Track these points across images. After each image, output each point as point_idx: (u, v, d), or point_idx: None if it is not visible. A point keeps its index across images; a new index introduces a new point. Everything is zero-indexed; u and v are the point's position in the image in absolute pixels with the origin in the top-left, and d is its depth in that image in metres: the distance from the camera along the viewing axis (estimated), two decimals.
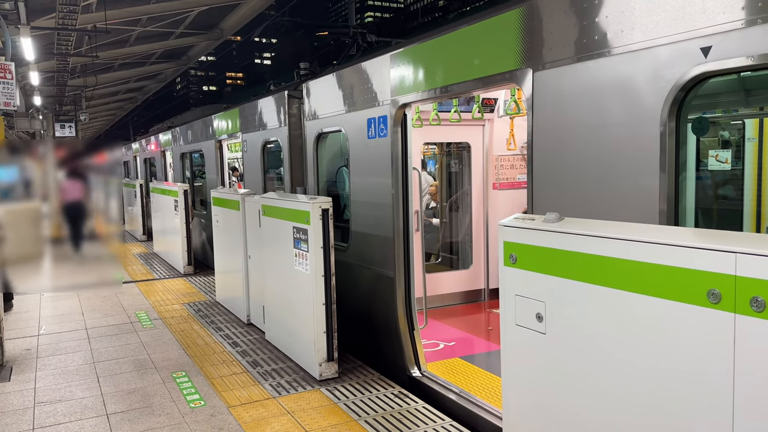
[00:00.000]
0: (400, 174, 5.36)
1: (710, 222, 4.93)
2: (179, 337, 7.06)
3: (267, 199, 6.33)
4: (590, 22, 3.35)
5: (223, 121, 10.32)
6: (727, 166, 6.90)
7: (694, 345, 2.21)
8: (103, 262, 6.61)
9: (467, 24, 4.41)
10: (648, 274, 2.36)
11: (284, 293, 6.08)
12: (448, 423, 4.60)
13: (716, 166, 6.46)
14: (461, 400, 4.99)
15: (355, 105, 5.94)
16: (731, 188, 6.89)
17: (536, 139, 3.77)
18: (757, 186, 6.43)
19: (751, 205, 6.44)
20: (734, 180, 6.85)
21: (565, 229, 2.75)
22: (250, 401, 5.11)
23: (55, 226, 4.65)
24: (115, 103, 32.11)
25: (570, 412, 2.78)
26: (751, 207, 6.47)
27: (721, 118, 4.74)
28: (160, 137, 16.30)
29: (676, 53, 2.89)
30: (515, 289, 3.04)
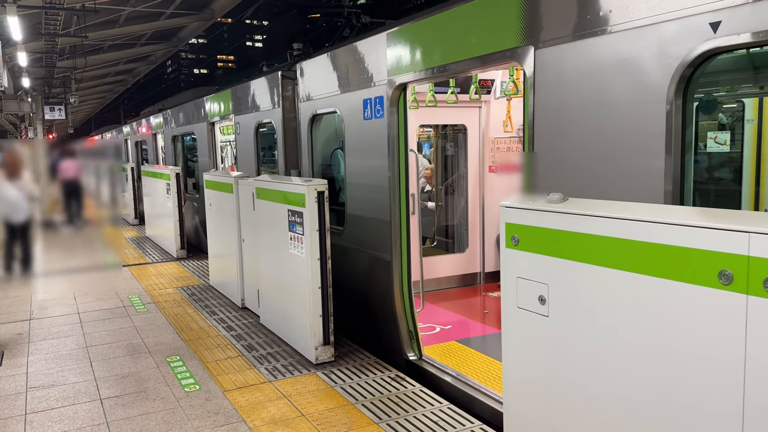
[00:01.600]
0: (397, 156, 5.28)
1: (709, 204, 4.89)
2: (173, 321, 6.99)
3: (261, 181, 6.23)
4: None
5: (216, 103, 10.17)
6: (726, 147, 6.85)
7: (704, 327, 2.16)
8: (96, 247, 6.54)
9: (466, 0, 4.31)
10: (656, 254, 2.30)
11: (279, 277, 6.02)
12: (446, 406, 4.57)
13: (715, 147, 6.40)
14: (458, 383, 4.96)
15: (351, 85, 5.84)
16: (728, 170, 6.84)
17: (537, 119, 3.69)
18: (756, 169, 6.39)
19: (749, 189, 6.41)
20: (732, 162, 6.81)
21: (570, 209, 2.68)
22: (245, 385, 5.06)
23: (51, 203, 4.45)
24: (105, 86, 31.71)
25: (574, 397, 2.74)
26: (750, 190, 6.43)
27: (724, 97, 4.67)
28: (152, 120, 16.10)
29: (683, 29, 2.81)
30: (517, 272, 2.98)
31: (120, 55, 20.93)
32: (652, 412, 2.39)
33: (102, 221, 6.00)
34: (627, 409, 2.49)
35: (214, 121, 10.43)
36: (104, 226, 5.21)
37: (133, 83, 32.63)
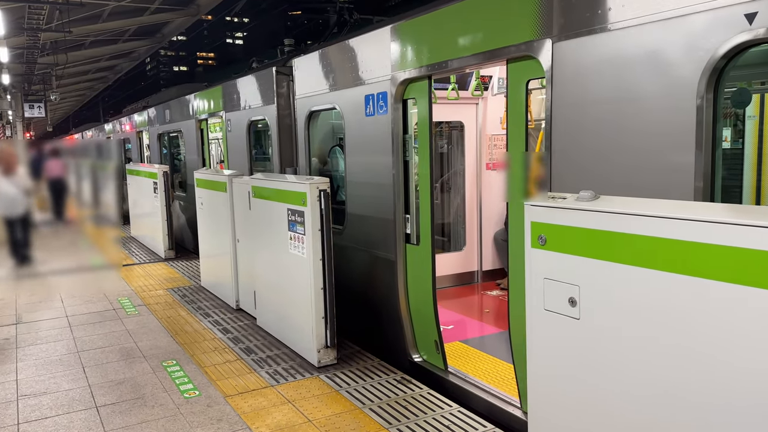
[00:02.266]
0: (401, 153, 5.15)
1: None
2: (166, 324, 6.79)
3: (258, 180, 6.06)
4: None
5: (205, 100, 9.95)
6: (727, 144, 6.81)
7: (753, 333, 2.06)
8: (82, 247, 6.34)
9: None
10: (700, 254, 2.20)
11: (278, 278, 5.86)
12: (456, 409, 4.45)
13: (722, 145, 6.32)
14: (466, 384, 4.85)
15: (352, 81, 5.69)
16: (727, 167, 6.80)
17: (556, 115, 3.59)
18: (758, 167, 6.36)
19: (750, 187, 6.37)
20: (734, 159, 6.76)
21: (603, 207, 2.58)
22: (247, 390, 4.91)
23: (39, 200, 4.34)
24: (85, 83, 31.12)
25: (606, 405, 2.64)
26: (751, 188, 6.39)
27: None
28: (135, 117, 15.78)
29: (716, 20, 2.72)
30: (544, 272, 2.87)
31: (102, 51, 20.51)
32: (694, 420, 2.29)
33: (95, 221, 5.81)
34: (669, 420, 2.40)
35: (202, 118, 10.20)
36: (102, 226, 5.03)
37: (114, 80, 32.08)
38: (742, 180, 6.15)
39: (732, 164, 5.41)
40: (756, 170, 6.52)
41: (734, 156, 5.87)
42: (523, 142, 3.99)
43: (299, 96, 6.75)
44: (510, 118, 4.11)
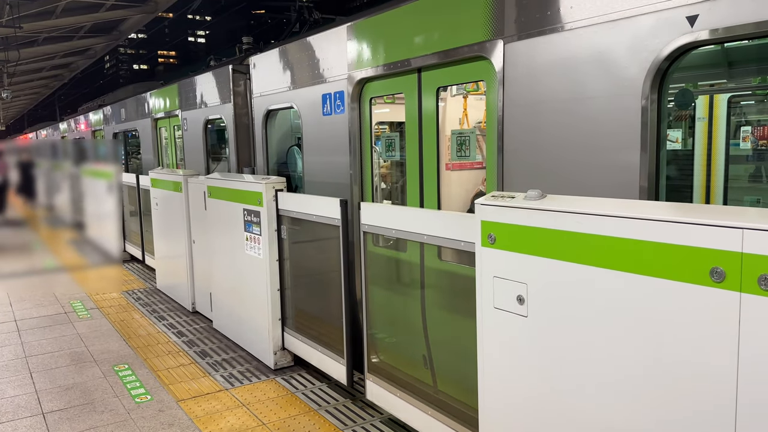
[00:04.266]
0: (359, 152, 5.12)
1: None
2: (119, 328, 6.62)
3: (214, 179, 5.96)
4: None
5: (160, 99, 9.74)
6: (678, 145, 6.99)
7: (695, 327, 2.11)
8: (34, 249, 6.15)
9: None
10: (644, 252, 2.24)
11: (234, 279, 5.76)
12: None
13: (667, 145, 6.46)
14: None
15: (309, 80, 5.64)
16: (678, 168, 6.98)
17: (507, 115, 3.61)
18: (707, 168, 6.54)
19: (700, 188, 6.55)
20: (683, 159, 6.95)
21: (550, 206, 2.60)
22: (200, 394, 4.81)
23: None
24: (39, 80, 30.15)
25: (555, 401, 2.66)
26: (700, 190, 6.58)
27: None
28: (91, 116, 15.37)
29: (660, 22, 2.78)
30: (494, 271, 2.88)
31: (56, 48, 19.87)
32: (643, 418, 2.33)
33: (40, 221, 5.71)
34: (616, 416, 2.43)
35: (158, 117, 9.99)
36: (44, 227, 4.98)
37: (70, 78, 31.17)
38: (692, 180, 6.31)
39: (681, 165, 5.55)
40: (705, 170, 6.70)
41: (684, 156, 6.02)
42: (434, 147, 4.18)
43: (256, 95, 6.66)
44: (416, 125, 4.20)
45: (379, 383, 4.19)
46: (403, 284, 4.40)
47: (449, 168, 8.02)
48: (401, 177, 8.15)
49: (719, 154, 6.29)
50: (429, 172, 4.66)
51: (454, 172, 8.05)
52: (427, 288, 4.08)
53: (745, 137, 6.52)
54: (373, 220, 4.08)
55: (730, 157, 6.54)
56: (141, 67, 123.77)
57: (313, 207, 4.72)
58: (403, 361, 4.26)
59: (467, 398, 3.53)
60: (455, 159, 4.92)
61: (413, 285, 4.27)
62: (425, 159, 4.72)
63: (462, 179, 8.02)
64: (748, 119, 6.68)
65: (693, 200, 5.65)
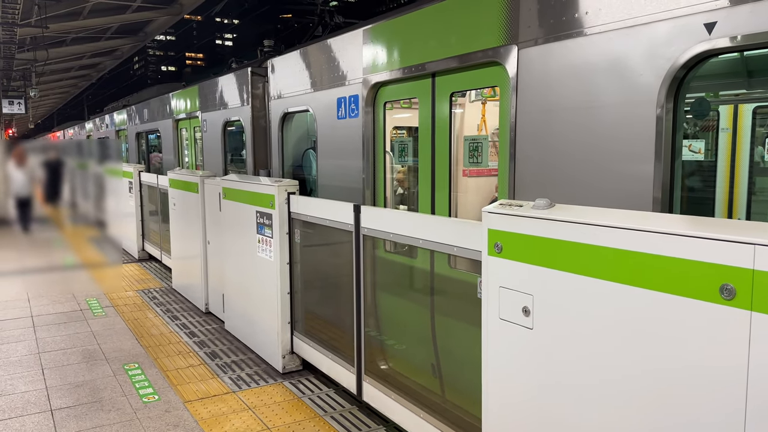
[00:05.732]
0: (372, 157, 5.09)
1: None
2: (132, 326, 6.67)
3: (228, 181, 5.97)
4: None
5: (182, 100, 9.83)
6: (701, 156, 6.82)
7: (703, 345, 2.02)
8: (54, 246, 6.27)
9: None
10: (652, 266, 2.16)
11: (246, 281, 5.76)
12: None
13: (689, 156, 6.33)
14: None
15: (324, 83, 5.63)
16: (702, 179, 6.81)
17: (520, 122, 3.55)
18: (730, 180, 6.37)
19: (723, 201, 6.38)
20: (706, 171, 6.77)
21: (558, 216, 2.53)
22: (207, 396, 4.80)
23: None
24: (68, 80, 30.73)
25: (559, 416, 2.59)
26: (723, 202, 6.40)
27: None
28: (115, 116, 15.60)
29: (677, 29, 2.70)
30: (500, 281, 2.82)
31: (84, 48, 20.25)
32: (648, 431, 2.24)
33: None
34: (617, 429, 2.35)
35: (179, 118, 10.09)
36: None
37: (97, 78, 31.72)
38: (714, 192, 6.14)
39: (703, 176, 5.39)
40: (728, 182, 6.53)
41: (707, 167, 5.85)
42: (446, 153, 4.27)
43: (274, 97, 6.67)
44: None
45: (376, 385, 4.14)
46: (408, 290, 4.35)
47: (466, 174, 7.96)
48: (415, 183, 8.10)
49: (743, 166, 6.13)
50: (441, 178, 4.60)
51: (471, 178, 7.97)
52: (432, 295, 4.03)
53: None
54: (372, 224, 4.05)
55: (755, 169, 6.35)
56: (169, 69, 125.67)
57: (324, 211, 4.69)
58: (400, 364, 4.21)
59: (468, 406, 3.46)
60: (467, 165, 4.86)
61: (419, 291, 4.22)
62: (437, 165, 4.67)
63: (479, 186, 7.94)
64: None
65: (715, 214, 5.50)
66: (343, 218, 4.44)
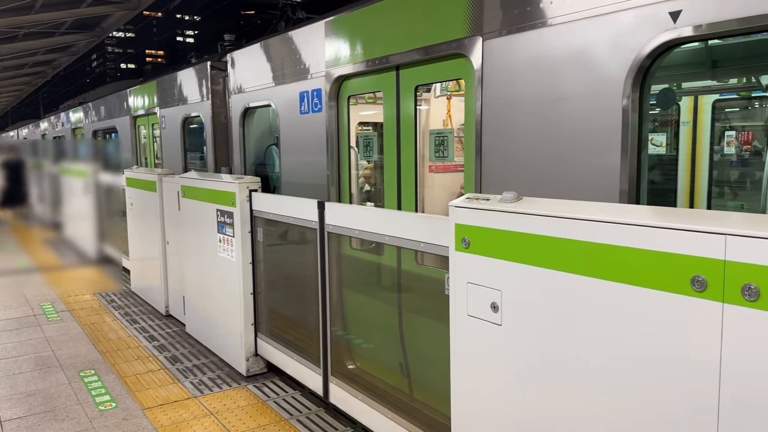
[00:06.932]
0: (336, 153, 4.98)
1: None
2: (89, 331, 6.41)
3: (187, 179, 5.78)
4: None
5: (139, 96, 9.54)
6: (662, 149, 6.89)
7: (675, 339, 1.98)
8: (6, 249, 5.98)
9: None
10: (622, 259, 2.11)
11: (207, 282, 5.58)
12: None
13: (650, 149, 6.39)
14: None
15: (287, 77, 5.49)
16: (663, 172, 6.89)
17: (486, 115, 3.48)
18: (691, 173, 6.45)
19: (684, 193, 6.46)
20: (667, 164, 6.85)
21: (526, 209, 2.47)
22: (168, 402, 4.63)
23: None
24: (22, 77, 29.68)
25: (529, 412, 2.52)
26: (685, 195, 6.48)
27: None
28: (71, 114, 15.10)
29: (642, 18, 2.66)
30: (468, 276, 2.74)
31: (37, 44, 19.52)
32: (619, 424, 2.19)
33: None
34: (588, 423, 2.29)
35: (137, 115, 9.78)
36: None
37: (53, 76, 30.73)
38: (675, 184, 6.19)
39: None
40: (689, 179, 6.59)
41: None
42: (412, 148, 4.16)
43: (234, 92, 6.49)
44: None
45: (343, 386, 4.05)
46: (375, 288, 4.26)
47: (432, 170, 7.89)
48: (381, 179, 8.01)
49: (703, 158, 6.20)
50: (407, 173, 4.51)
51: (437, 174, 7.92)
52: (399, 293, 3.94)
53: (729, 142, 6.43)
54: (337, 220, 3.95)
55: (714, 162, 6.43)
56: (128, 66, 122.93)
57: (288, 208, 4.56)
58: (367, 364, 4.12)
59: (437, 405, 3.39)
60: (433, 159, 4.78)
61: (386, 289, 4.12)
62: (403, 160, 4.58)
63: (445, 182, 7.89)
64: (733, 124, 6.61)
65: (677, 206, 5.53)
66: (307, 215, 4.32)
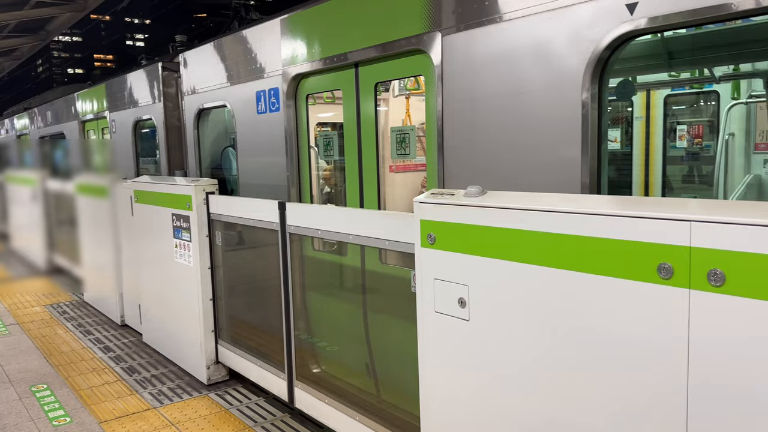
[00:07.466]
0: (296, 153, 4.88)
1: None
2: (40, 344, 6.14)
3: (140, 183, 5.59)
4: None
5: (88, 100, 9.21)
6: (617, 145, 7.03)
7: (643, 327, 1.98)
8: None
9: None
10: (588, 249, 2.10)
11: (164, 289, 5.41)
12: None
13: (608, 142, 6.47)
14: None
15: (242, 77, 5.36)
16: (618, 167, 7.03)
17: (447, 111, 3.46)
18: (645, 168, 6.59)
19: (639, 187, 6.59)
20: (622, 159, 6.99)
21: (490, 203, 2.44)
22: (126, 414, 4.45)
23: None
24: None
25: (497, 408, 2.50)
26: (639, 189, 6.61)
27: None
28: (16, 120, 14.52)
29: (599, 10, 2.67)
30: (434, 273, 2.71)
31: None
32: (588, 423, 2.19)
33: None
34: (559, 420, 2.28)
35: (86, 120, 9.45)
36: None
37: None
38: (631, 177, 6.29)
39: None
40: (644, 174, 6.73)
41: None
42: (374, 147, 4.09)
43: (187, 93, 6.32)
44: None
45: (309, 391, 3.97)
46: (340, 289, 4.19)
47: (393, 170, 7.86)
48: (343, 179, 7.93)
49: (656, 152, 6.34)
50: (369, 173, 4.46)
51: (398, 174, 7.90)
52: (365, 293, 3.89)
53: (681, 135, 6.60)
54: (299, 221, 3.87)
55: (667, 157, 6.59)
56: (76, 71, 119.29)
57: (247, 210, 4.45)
58: (333, 366, 4.05)
59: (406, 404, 3.34)
60: (395, 157, 4.74)
61: (350, 290, 4.06)
62: (365, 159, 4.53)
63: (407, 181, 7.87)
64: (681, 119, 6.78)
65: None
66: (267, 217, 4.22)
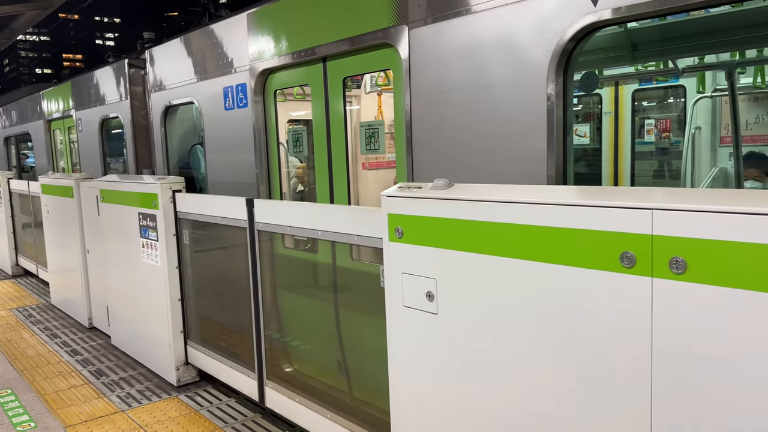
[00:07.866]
0: (265, 150, 4.82)
1: None
2: (4, 348, 5.97)
3: (106, 182, 5.47)
4: None
5: (53, 99, 9.01)
6: (586, 140, 7.07)
7: (606, 316, 1.98)
8: None
9: None
10: (552, 240, 2.10)
11: (132, 290, 5.30)
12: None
13: (575, 140, 6.54)
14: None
15: (209, 72, 5.28)
16: (587, 162, 7.09)
17: (415, 105, 3.44)
18: (614, 162, 6.66)
19: (608, 182, 6.64)
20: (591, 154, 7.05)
21: (457, 195, 2.43)
22: (93, 417, 4.35)
23: None
24: None
25: (467, 401, 2.49)
26: (609, 184, 6.67)
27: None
28: None
29: (563, 2, 2.67)
30: (402, 267, 2.68)
31: None
32: (556, 414, 2.18)
33: None
34: (528, 412, 2.28)
35: (51, 119, 9.24)
36: None
37: None
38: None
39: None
40: (613, 169, 6.80)
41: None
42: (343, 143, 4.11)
43: (154, 89, 6.20)
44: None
45: (280, 390, 3.92)
46: (310, 287, 4.15)
47: (366, 167, 7.83)
48: (313, 175, 7.87)
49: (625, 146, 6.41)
50: (339, 169, 4.42)
51: (371, 171, 7.86)
52: (336, 291, 3.85)
53: (649, 130, 6.68)
54: (267, 218, 3.82)
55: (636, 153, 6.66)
56: (44, 71, 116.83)
57: (214, 207, 4.38)
58: (304, 365, 4.01)
59: (377, 401, 3.32)
60: (364, 152, 4.71)
61: (321, 287, 4.03)
62: (334, 155, 4.49)
63: (380, 178, 7.84)
64: (649, 114, 6.87)
65: None
66: (235, 214, 4.15)
